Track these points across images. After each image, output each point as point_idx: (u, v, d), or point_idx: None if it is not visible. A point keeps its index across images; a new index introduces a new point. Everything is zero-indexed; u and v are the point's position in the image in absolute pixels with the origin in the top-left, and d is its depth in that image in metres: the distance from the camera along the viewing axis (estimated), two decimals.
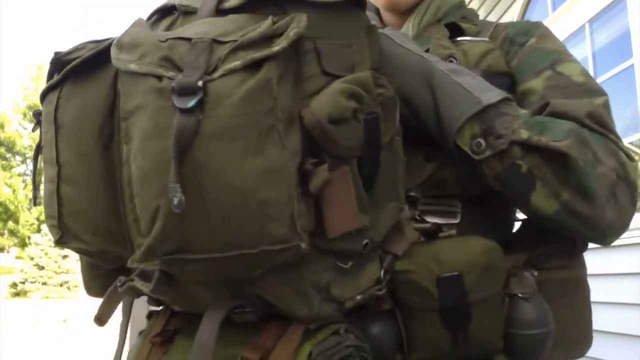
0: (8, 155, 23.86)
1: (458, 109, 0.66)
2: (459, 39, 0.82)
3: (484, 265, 0.65)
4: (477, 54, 0.78)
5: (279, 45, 0.51)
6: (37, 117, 0.66)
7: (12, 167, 23.79)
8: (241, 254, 0.50)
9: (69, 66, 0.61)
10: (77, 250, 0.63)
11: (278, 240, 0.50)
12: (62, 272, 16.91)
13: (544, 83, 0.74)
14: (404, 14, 0.89)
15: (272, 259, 0.52)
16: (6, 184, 22.41)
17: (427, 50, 0.79)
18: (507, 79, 0.78)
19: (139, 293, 0.61)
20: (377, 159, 0.59)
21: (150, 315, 0.76)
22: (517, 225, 0.81)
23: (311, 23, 0.56)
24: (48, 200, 0.62)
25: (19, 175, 23.81)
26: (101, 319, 0.66)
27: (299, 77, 0.55)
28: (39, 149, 0.65)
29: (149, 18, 0.67)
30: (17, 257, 21.75)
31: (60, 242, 0.62)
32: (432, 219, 0.73)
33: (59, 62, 0.63)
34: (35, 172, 0.65)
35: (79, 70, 0.60)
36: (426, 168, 0.74)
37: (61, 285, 16.76)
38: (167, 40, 0.54)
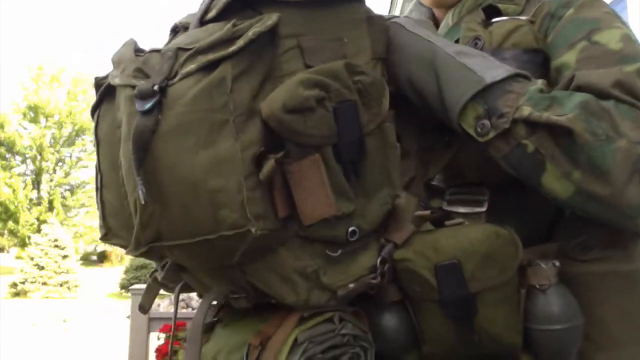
0: (8, 156, 23.86)
1: (460, 90, 0.64)
2: (493, 20, 0.78)
3: (484, 253, 0.62)
4: (502, 33, 0.74)
5: (235, 46, 0.54)
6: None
7: (12, 167, 23.79)
8: (205, 240, 0.54)
9: (101, 89, 0.67)
10: (118, 245, 0.69)
11: (232, 226, 0.53)
12: (62, 272, 16.89)
13: (578, 55, 0.69)
14: (450, 8, 0.88)
15: (233, 244, 0.55)
16: (6, 184, 22.40)
17: (458, 39, 0.78)
18: (538, 56, 0.73)
19: (162, 283, 0.68)
20: (358, 146, 0.59)
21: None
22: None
23: (292, 21, 0.59)
24: (97, 203, 0.69)
25: (19, 175, 23.81)
26: (144, 307, 0.74)
27: (276, 74, 0.58)
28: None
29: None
30: (17, 257, 21.74)
31: (105, 239, 0.69)
32: (458, 209, 0.71)
33: (97, 85, 0.69)
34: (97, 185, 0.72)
35: (110, 91, 0.65)
36: (444, 155, 0.73)
37: (61, 285, 16.75)
38: (144, 54, 0.61)
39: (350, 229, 0.60)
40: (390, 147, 0.63)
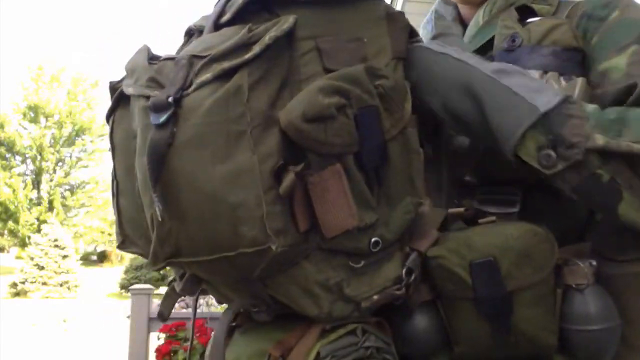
0: (8, 155, 23.85)
1: (512, 119, 0.59)
2: (528, 20, 0.77)
3: (520, 250, 0.60)
4: (541, 31, 0.73)
5: (251, 52, 0.52)
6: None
7: (12, 167, 23.79)
8: (224, 257, 0.53)
9: (116, 94, 0.65)
10: (136, 253, 0.67)
11: (251, 243, 0.52)
12: (62, 272, 16.89)
13: (629, 59, 0.67)
14: (479, 5, 0.86)
15: (253, 261, 0.53)
16: (6, 184, 22.41)
17: (492, 37, 0.76)
18: (577, 55, 0.72)
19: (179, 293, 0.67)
20: (380, 153, 0.57)
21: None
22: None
23: (310, 22, 0.57)
24: (114, 210, 0.67)
25: (19, 175, 23.80)
26: (163, 314, 0.73)
27: (294, 78, 0.56)
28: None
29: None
30: (17, 257, 21.74)
31: (121, 247, 0.67)
32: (489, 209, 0.69)
33: (112, 90, 0.67)
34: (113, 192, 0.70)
35: (125, 97, 0.63)
36: (475, 156, 0.71)
37: (61, 285, 16.75)
38: (158, 62, 0.59)
39: (373, 239, 0.58)
40: (413, 152, 0.61)
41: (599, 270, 0.64)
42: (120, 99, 0.65)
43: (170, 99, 0.52)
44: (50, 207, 23.55)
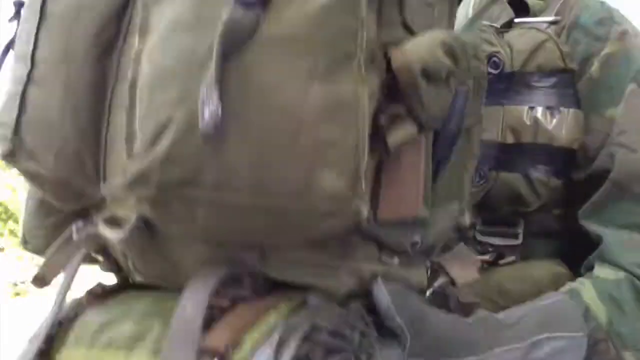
0: None
1: None
2: (516, 20, 0.70)
3: None
4: (525, 51, 0.66)
5: None
6: (19, 6, 0.50)
7: (12, 167, 23.76)
8: (272, 207, 0.38)
9: None
10: (28, 174, 0.49)
11: (330, 194, 0.37)
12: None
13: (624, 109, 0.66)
14: None
15: (314, 223, 0.39)
16: (6, 184, 22.41)
17: None
18: (564, 77, 0.66)
19: (99, 245, 0.48)
20: (453, 144, 0.48)
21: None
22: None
23: None
24: (8, 105, 0.47)
25: (19, 175, 23.73)
26: (44, 278, 0.53)
27: (379, 18, 0.43)
28: (10, 46, 0.51)
29: None
30: (17, 257, 21.72)
31: (8, 159, 0.48)
32: (492, 241, 0.68)
33: None
34: None
35: None
36: (475, 193, 0.67)
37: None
38: None
39: (415, 238, 0.48)
40: (472, 155, 0.53)
41: None
42: None
43: None
44: None
